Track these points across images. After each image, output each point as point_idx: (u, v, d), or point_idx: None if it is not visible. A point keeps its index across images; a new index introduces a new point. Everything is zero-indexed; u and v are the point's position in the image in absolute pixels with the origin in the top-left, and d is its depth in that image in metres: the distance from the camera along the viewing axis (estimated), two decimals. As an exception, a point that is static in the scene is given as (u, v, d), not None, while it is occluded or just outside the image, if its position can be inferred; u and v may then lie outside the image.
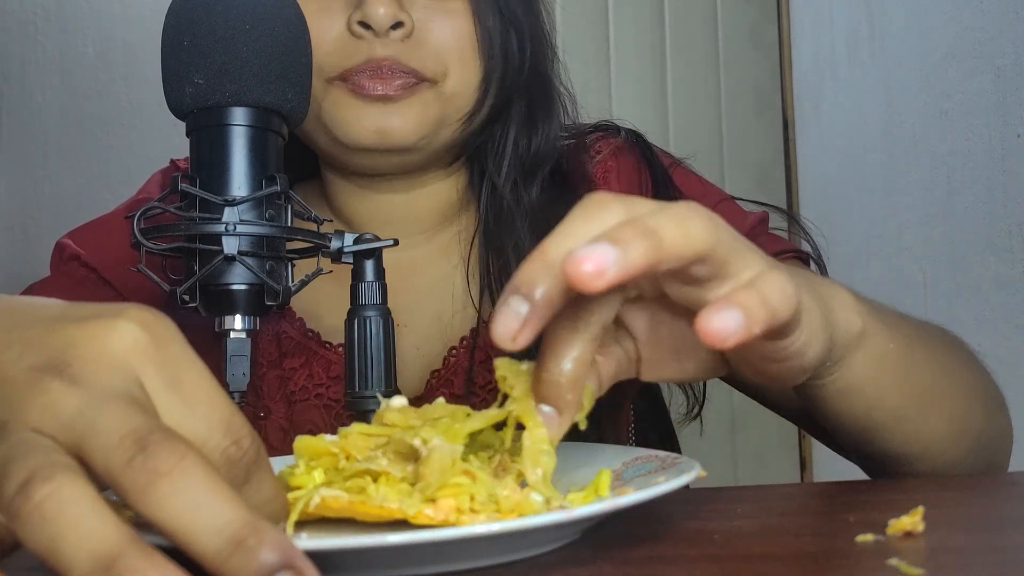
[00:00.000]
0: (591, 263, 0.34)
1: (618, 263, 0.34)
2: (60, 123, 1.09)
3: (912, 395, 0.54)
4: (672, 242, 0.36)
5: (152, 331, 0.34)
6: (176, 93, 0.51)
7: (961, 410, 0.58)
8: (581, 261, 0.34)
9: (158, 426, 0.31)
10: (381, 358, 0.55)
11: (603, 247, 0.34)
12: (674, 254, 0.37)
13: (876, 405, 0.53)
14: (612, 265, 0.34)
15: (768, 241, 0.76)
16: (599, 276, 0.34)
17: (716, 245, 0.38)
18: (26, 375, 0.33)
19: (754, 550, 0.41)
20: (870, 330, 0.50)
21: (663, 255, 0.36)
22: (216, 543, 0.30)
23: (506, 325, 0.36)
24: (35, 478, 0.29)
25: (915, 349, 0.55)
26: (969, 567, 0.37)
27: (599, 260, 0.34)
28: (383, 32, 0.67)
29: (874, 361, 0.51)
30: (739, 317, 0.35)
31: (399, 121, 0.68)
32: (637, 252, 0.35)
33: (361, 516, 0.39)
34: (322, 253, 0.55)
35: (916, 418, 0.55)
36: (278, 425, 0.73)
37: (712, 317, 0.35)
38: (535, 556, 0.41)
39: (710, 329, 0.35)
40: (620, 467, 0.49)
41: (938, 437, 0.57)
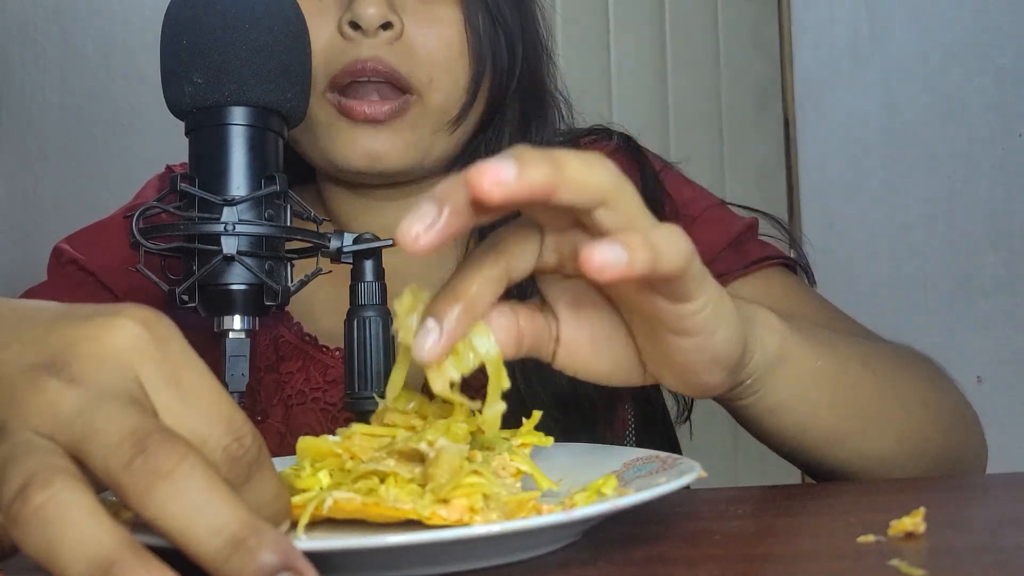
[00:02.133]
0: (492, 173, 0.36)
1: (518, 177, 0.36)
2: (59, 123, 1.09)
3: (850, 415, 0.55)
4: (573, 173, 0.37)
5: (151, 329, 0.34)
6: (175, 93, 0.51)
7: (913, 429, 0.59)
8: (483, 171, 0.36)
9: (157, 426, 0.31)
10: (381, 359, 0.54)
11: (506, 162, 0.36)
12: (575, 184, 0.38)
13: (809, 424, 0.54)
14: (511, 179, 0.36)
15: (755, 246, 0.76)
16: (497, 185, 0.36)
17: (621, 192, 0.39)
18: (25, 374, 0.33)
19: (755, 551, 0.41)
20: (792, 347, 0.51)
21: (562, 180, 0.37)
22: (215, 544, 0.30)
23: (410, 225, 0.37)
24: (33, 482, 0.29)
25: (852, 368, 0.56)
26: (970, 568, 0.37)
27: (500, 172, 0.36)
28: (372, 32, 0.66)
29: (801, 379, 0.52)
30: (621, 252, 0.37)
31: (388, 145, 0.68)
32: (537, 172, 0.36)
33: (373, 518, 0.39)
34: (321, 253, 0.55)
35: (858, 437, 0.56)
36: (275, 429, 0.73)
37: (595, 248, 0.36)
38: (536, 557, 0.41)
39: (592, 259, 0.36)
40: (621, 468, 0.49)
41: (886, 456, 0.58)
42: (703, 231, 0.76)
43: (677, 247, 0.40)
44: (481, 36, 0.71)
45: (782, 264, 0.76)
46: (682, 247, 0.40)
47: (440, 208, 0.37)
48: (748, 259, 0.74)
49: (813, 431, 0.55)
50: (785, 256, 0.77)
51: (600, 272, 0.37)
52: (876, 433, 0.57)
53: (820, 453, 0.57)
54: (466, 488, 0.39)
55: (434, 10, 0.69)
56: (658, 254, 0.38)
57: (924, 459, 0.60)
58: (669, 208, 0.77)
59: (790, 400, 0.52)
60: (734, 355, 0.46)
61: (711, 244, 0.75)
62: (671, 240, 0.39)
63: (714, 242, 0.75)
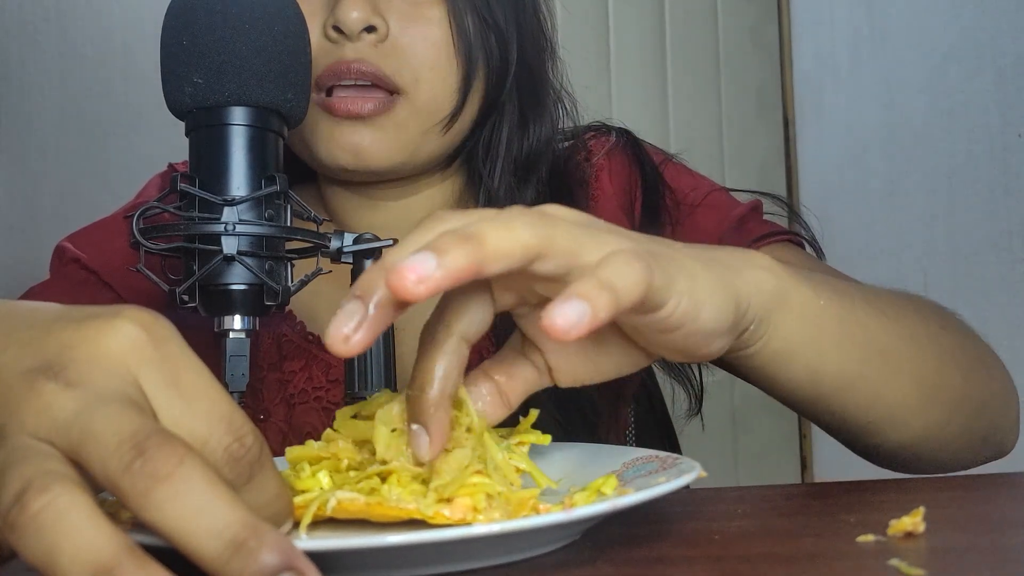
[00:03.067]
0: (413, 272, 0.35)
1: (440, 268, 0.35)
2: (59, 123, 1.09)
3: (862, 358, 0.53)
4: (495, 243, 0.37)
5: (150, 331, 0.34)
6: (175, 93, 0.51)
7: (931, 372, 0.57)
8: (403, 271, 0.35)
9: (156, 428, 0.31)
10: (381, 358, 0.54)
11: (423, 256, 0.36)
12: (500, 253, 0.37)
13: (819, 369, 0.52)
14: (434, 270, 0.35)
15: (757, 225, 0.76)
16: (421, 283, 0.35)
17: (550, 239, 0.39)
18: (22, 378, 0.33)
19: (755, 550, 0.41)
20: (790, 287, 0.49)
21: (486, 256, 0.37)
22: (216, 546, 0.30)
23: (339, 328, 0.37)
24: (31, 487, 0.29)
25: (858, 308, 0.54)
26: (970, 568, 0.37)
27: (420, 269, 0.35)
28: (355, 36, 0.66)
29: (805, 321, 0.50)
30: (582, 307, 0.36)
31: (371, 140, 0.68)
32: (457, 256, 0.36)
33: (376, 517, 0.39)
34: (321, 253, 0.55)
35: (873, 380, 0.54)
36: (277, 428, 0.73)
37: (554, 313, 0.36)
38: (536, 556, 0.41)
39: (554, 325, 0.35)
40: (620, 468, 0.49)
41: (905, 401, 0.55)
42: (705, 216, 0.76)
43: (628, 271, 0.38)
44: (470, 36, 0.70)
45: (788, 240, 0.76)
46: (634, 269, 0.39)
47: (365, 306, 0.37)
48: (752, 237, 0.74)
49: (824, 376, 0.52)
50: (790, 231, 0.77)
51: (567, 334, 0.36)
52: (890, 375, 0.55)
53: (835, 401, 0.54)
54: (469, 488, 0.39)
55: (420, 10, 0.69)
56: (617, 291, 0.37)
57: (945, 405, 0.58)
58: (669, 199, 0.77)
59: (796, 344, 0.50)
60: (727, 320, 0.45)
61: (714, 227, 0.75)
62: (623, 271, 0.38)
63: (717, 225, 0.75)
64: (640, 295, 0.39)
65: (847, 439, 0.60)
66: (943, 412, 0.58)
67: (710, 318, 0.44)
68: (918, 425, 0.57)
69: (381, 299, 0.37)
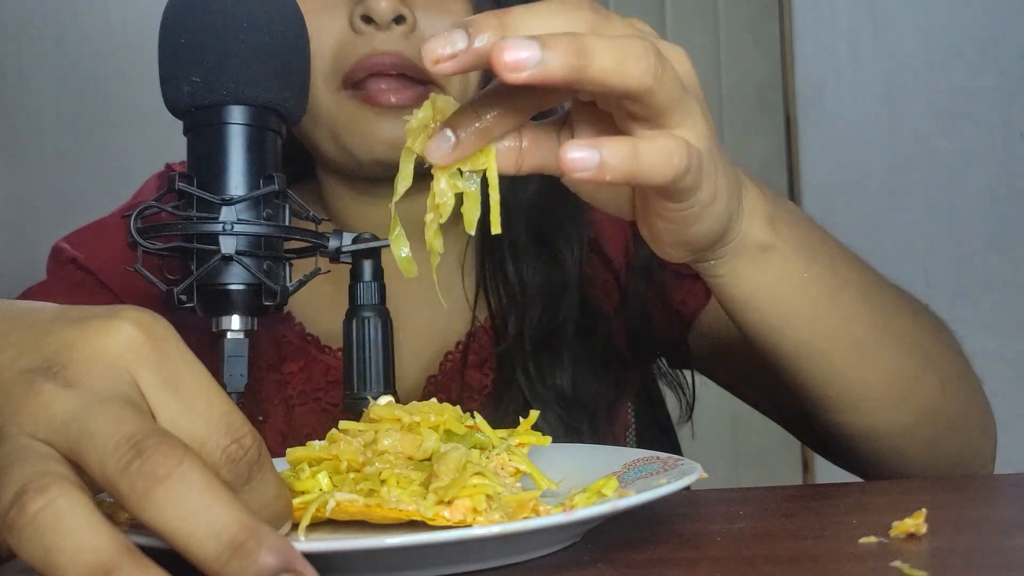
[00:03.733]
0: (512, 56, 0.36)
1: (537, 67, 0.36)
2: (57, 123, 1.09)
3: (831, 337, 0.54)
4: (599, 69, 0.37)
5: (148, 331, 0.34)
6: (173, 91, 0.50)
7: (905, 374, 0.57)
8: (505, 50, 0.36)
9: (154, 429, 0.31)
10: (380, 359, 0.54)
11: (530, 47, 0.36)
12: (597, 80, 0.38)
13: (782, 329, 0.53)
14: (530, 66, 0.36)
15: None
16: (515, 71, 0.36)
17: (651, 92, 0.39)
18: (20, 378, 0.33)
19: (756, 552, 0.41)
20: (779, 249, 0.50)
21: (584, 76, 0.37)
22: (214, 547, 0.30)
23: (439, 47, 0.37)
24: (29, 488, 0.29)
25: (848, 294, 0.54)
26: (972, 569, 0.37)
27: (520, 58, 0.36)
28: (385, 25, 0.66)
29: (778, 282, 0.51)
30: (595, 159, 0.38)
31: None
32: (557, 64, 0.36)
33: (376, 519, 0.39)
34: (320, 253, 0.55)
35: (838, 362, 0.55)
36: (276, 429, 0.72)
37: (572, 148, 0.38)
38: (537, 558, 0.41)
39: (567, 158, 0.37)
40: (621, 469, 0.49)
41: (869, 390, 0.56)
42: None
43: (667, 159, 0.40)
44: None
45: None
46: (673, 161, 0.40)
47: (468, 41, 0.37)
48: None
49: (786, 338, 0.53)
50: None
51: (571, 173, 0.38)
52: (858, 362, 0.55)
53: (798, 369, 0.55)
54: (470, 489, 0.39)
55: (445, 3, 0.69)
56: (640, 165, 0.39)
57: (914, 408, 0.58)
58: None
59: (760, 298, 0.51)
60: (704, 243, 0.47)
61: None
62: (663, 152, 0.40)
63: None
64: (659, 182, 0.40)
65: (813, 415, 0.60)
66: (911, 415, 0.58)
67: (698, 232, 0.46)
68: (880, 418, 0.57)
69: (483, 45, 0.37)
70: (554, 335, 0.71)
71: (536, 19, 0.39)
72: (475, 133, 0.42)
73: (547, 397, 0.69)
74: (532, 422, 0.50)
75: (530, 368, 0.70)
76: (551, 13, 0.39)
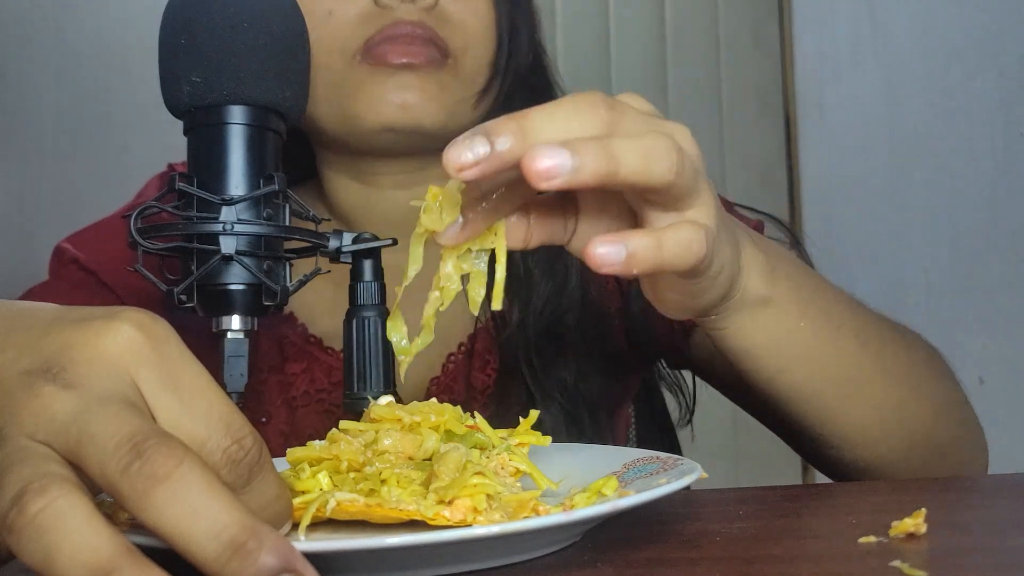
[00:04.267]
0: (545, 165, 0.37)
1: (569, 174, 0.37)
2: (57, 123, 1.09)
3: (827, 379, 0.55)
4: (628, 172, 0.39)
5: (148, 332, 0.34)
6: (173, 91, 0.50)
7: (897, 405, 0.59)
8: (536, 159, 0.37)
9: (154, 430, 0.31)
10: (380, 358, 0.54)
11: (561, 155, 0.37)
12: (627, 182, 0.39)
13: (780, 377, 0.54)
14: (563, 174, 0.37)
15: None
16: (548, 179, 0.37)
17: (672, 186, 0.41)
18: (20, 379, 0.33)
19: (756, 552, 0.41)
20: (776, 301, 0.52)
21: (615, 180, 0.39)
22: (214, 548, 0.30)
23: (461, 154, 0.38)
24: (29, 489, 0.29)
25: (842, 335, 0.56)
26: (972, 569, 0.37)
27: (553, 166, 0.37)
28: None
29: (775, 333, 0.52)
30: (623, 255, 0.39)
31: (420, 97, 0.67)
32: (590, 170, 0.38)
33: (376, 519, 0.39)
34: (320, 253, 0.55)
35: (834, 402, 0.56)
36: (279, 430, 0.72)
37: (599, 244, 0.39)
38: (537, 558, 0.41)
39: (594, 253, 0.39)
40: (621, 469, 0.49)
41: (864, 426, 0.58)
42: None
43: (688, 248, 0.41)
44: (503, 15, 0.72)
45: None
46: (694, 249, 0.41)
47: (491, 148, 0.38)
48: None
49: (781, 382, 0.55)
50: None
51: (599, 268, 0.39)
52: (853, 400, 0.57)
53: (791, 409, 0.57)
54: (470, 489, 0.39)
55: None
56: (664, 255, 0.40)
57: (907, 438, 0.59)
58: None
59: (758, 347, 0.53)
60: (710, 307, 0.49)
61: None
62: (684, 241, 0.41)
63: None
64: (682, 269, 0.42)
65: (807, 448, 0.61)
66: (904, 444, 0.59)
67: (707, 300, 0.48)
68: (876, 451, 0.59)
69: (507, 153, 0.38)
70: (557, 326, 0.72)
71: (554, 122, 0.40)
72: (483, 212, 0.43)
73: (550, 388, 0.70)
74: (532, 422, 0.50)
75: (533, 359, 0.70)
76: (569, 115, 0.40)
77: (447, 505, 0.39)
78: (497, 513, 0.39)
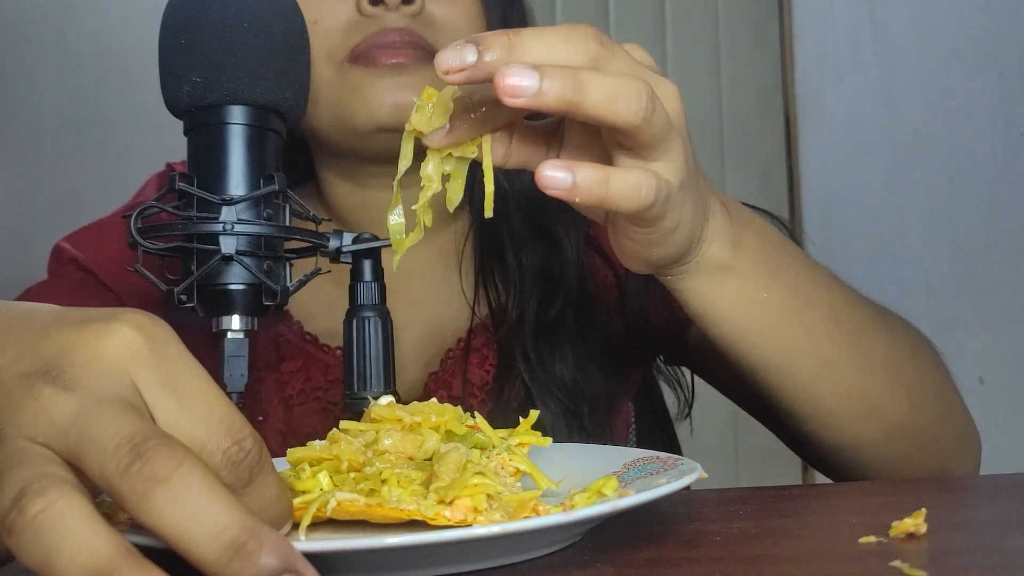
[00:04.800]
0: (512, 82, 0.39)
1: (532, 96, 0.39)
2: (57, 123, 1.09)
3: (796, 353, 0.56)
4: (591, 105, 0.40)
5: (147, 334, 0.34)
6: (173, 91, 0.50)
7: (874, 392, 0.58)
8: (506, 75, 0.39)
9: (154, 431, 0.31)
10: (380, 359, 0.54)
11: (530, 76, 0.39)
12: (590, 115, 0.41)
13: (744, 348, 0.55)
14: (527, 95, 0.39)
15: None
16: (512, 96, 0.39)
17: (637, 131, 0.42)
18: (20, 381, 0.33)
19: (756, 552, 0.41)
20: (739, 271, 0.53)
21: (579, 111, 0.40)
22: (215, 549, 0.30)
23: (451, 59, 0.40)
24: (29, 491, 0.29)
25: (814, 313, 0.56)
26: (972, 569, 0.37)
27: (520, 86, 0.39)
28: (394, 6, 0.67)
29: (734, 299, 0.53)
30: (569, 181, 0.41)
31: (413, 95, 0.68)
32: (553, 96, 0.39)
33: (377, 519, 0.39)
34: (320, 253, 0.55)
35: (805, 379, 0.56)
36: (276, 429, 0.72)
37: (549, 166, 0.41)
38: (537, 558, 0.41)
39: (543, 174, 0.41)
40: (621, 469, 0.49)
41: (837, 408, 0.58)
42: None
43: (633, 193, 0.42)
44: (494, 15, 0.72)
45: None
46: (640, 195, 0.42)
47: (479, 57, 0.40)
48: None
49: (747, 353, 0.55)
50: None
51: (545, 189, 0.41)
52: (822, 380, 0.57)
53: (758, 376, 0.57)
54: (470, 489, 0.39)
55: None
56: (608, 193, 0.42)
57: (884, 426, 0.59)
58: None
59: (720, 314, 0.54)
60: (663, 262, 0.50)
61: None
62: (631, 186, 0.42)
63: None
64: (626, 211, 0.43)
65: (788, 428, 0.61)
66: (880, 431, 0.59)
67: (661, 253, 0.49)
68: (847, 433, 0.59)
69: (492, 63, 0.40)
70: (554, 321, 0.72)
71: (543, 45, 0.41)
72: (468, 122, 0.45)
73: (547, 382, 0.70)
74: (532, 422, 0.50)
75: (530, 354, 0.70)
76: (558, 41, 0.41)
77: (447, 505, 0.39)
78: (497, 513, 0.39)
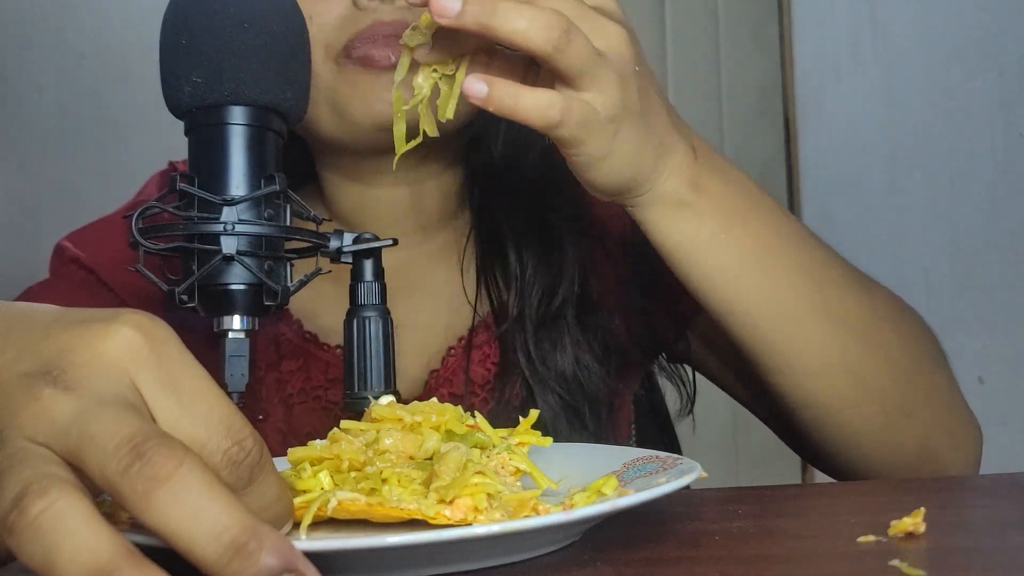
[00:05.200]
0: (439, 5, 0.45)
1: (454, 17, 0.45)
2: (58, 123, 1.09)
3: (759, 301, 0.58)
4: (505, 31, 0.46)
5: (147, 334, 0.34)
6: (174, 92, 0.50)
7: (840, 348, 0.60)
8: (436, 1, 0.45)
9: (154, 431, 0.31)
10: (380, 359, 0.54)
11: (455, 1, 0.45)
12: (503, 39, 0.47)
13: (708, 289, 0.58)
14: (449, 15, 0.45)
15: None
16: (439, 15, 0.45)
17: (551, 59, 0.47)
18: (20, 382, 0.33)
19: (755, 551, 0.41)
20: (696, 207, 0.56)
21: (494, 34, 0.46)
22: (215, 548, 0.30)
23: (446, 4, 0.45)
24: (29, 491, 0.29)
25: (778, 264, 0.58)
26: (970, 568, 0.37)
27: (445, 6, 0.45)
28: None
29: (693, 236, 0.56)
30: (484, 91, 0.47)
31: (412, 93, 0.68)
32: (469, 18, 0.45)
33: (377, 518, 0.39)
34: (321, 253, 0.55)
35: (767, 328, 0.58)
36: (276, 428, 0.72)
37: (474, 78, 0.47)
38: (535, 557, 0.41)
39: (465, 82, 0.47)
40: (621, 468, 0.49)
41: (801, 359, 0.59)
42: None
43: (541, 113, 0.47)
44: None
45: None
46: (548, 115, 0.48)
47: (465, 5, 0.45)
48: None
49: (711, 296, 0.58)
50: None
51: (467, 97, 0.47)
52: (787, 329, 0.58)
53: (724, 320, 0.59)
54: (471, 488, 0.39)
55: None
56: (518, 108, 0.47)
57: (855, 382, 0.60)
58: None
59: (682, 251, 0.57)
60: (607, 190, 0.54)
61: None
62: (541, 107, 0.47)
63: None
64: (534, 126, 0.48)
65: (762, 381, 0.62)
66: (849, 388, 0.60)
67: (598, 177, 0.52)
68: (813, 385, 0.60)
69: None
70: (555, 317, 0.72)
71: None
72: (448, 42, 0.51)
73: (547, 378, 0.70)
74: (532, 421, 0.50)
75: (531, 350, 0.70)
76: None
77: (448, 504, 0.39)
78: (497, 512, 0.39)
